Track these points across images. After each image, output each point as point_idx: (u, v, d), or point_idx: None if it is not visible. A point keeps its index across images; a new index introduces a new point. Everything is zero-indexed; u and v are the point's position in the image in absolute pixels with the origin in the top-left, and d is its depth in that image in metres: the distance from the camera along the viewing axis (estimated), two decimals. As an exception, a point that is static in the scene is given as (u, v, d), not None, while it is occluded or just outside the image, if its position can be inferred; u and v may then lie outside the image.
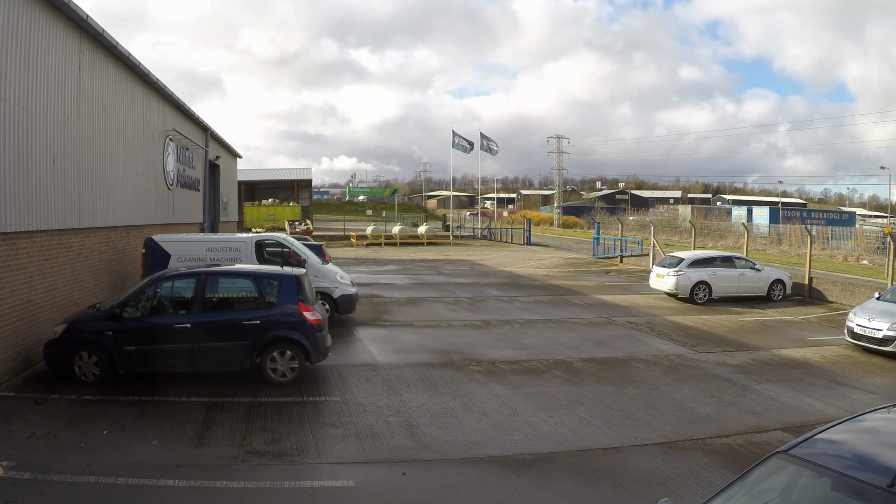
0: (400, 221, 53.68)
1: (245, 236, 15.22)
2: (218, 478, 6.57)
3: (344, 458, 7.21)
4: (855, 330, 13.13)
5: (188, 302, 9.79)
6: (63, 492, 6.12)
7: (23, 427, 7.69)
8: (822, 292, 20.13)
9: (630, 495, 6.37)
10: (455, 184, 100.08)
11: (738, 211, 60.13)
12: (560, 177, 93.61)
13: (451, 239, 47.14)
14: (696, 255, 19.86)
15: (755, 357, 12.41)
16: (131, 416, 8.25)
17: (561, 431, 8.16)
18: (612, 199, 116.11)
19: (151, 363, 9.45)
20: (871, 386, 10.63)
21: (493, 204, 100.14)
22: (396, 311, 16.71)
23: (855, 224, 54.08)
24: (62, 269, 11.36)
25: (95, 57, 12.85)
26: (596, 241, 36.19)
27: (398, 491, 6.45)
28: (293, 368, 9.75)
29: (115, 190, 14.21)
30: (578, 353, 12.35)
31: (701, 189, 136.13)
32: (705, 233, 41.39)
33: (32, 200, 10.15)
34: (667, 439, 7.95)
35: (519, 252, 38.59)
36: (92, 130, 12.69)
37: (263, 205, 59.12)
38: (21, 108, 9.77)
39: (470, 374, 10.72)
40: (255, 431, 7.87)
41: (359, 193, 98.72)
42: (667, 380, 10.66)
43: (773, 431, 8.29)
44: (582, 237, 57.45)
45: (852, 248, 35.38)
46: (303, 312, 9.78)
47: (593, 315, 16.78)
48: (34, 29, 10.21)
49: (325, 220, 67.79)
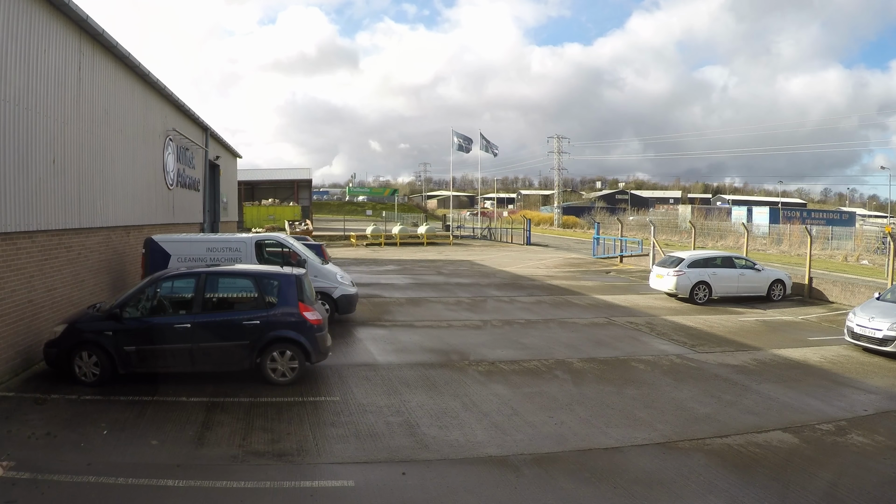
0: (400, 221, 53.69)
1: (245, 236, 15.22)
2: (218, 478, 6.57)
3: (344, 458, 7.21)
4: (855, 330, 13.13)
5: (188, 302, 9.79)
6: (63, 492, 6.12)
7: (23, 427, 7.69)
8: (822, 292, 20.13)
9: (630, 495, 6.37)
10: (455, 184, 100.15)
11: (738, 211, 60.14)
12: (560, 177, 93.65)
13: (451, 239, 47.15)
14: (696, 255, 19.87)
15: (755, 357, 12.41)
16: (131, 416, 8.25)
17: (561, 431, 8.16)
18: (612, 198, 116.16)
19: (151, 363, 9.45)
20: (871, 386, 10.62)
21: (493, 204, 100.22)
22: (396, 312, 16.71)
23: (855, 224, 54.06)
24: (62, 269, 11.36)
25: (95, 57, 12.84)
26: (596, 241, 36.19)
27: (398, 491, 6.45)
28: (293, 368, 9.75)
29: (115, 190, 14.21)
30: (578, 354, 12.35)
31: (701, 189, 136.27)
32: (705, 233, 41.42)
33: (32, 200, 10.15)
34: (667, 439, 7.95)
35: (519, 252, 38.59)
36: (92, 130, 12.69)
37: (263, 205, 59.13)
38: (21, 108, 9.77)
39: (470, 375, 10.71)
40: (255, 431, 7.87)
41: (359, 193, 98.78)
42: (667, 380, 10.66)
43: (773, 431, 8.29)
44: (582, 237, 57.46)
45: (852, 248, 35.38)
46: (303, 312, 9.78)
47: (593, 315, 16.78)
48: (34, 29, 10.21)
49: (325, 220, 67.84)
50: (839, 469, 7.18)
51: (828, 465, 7.30)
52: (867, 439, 8.11)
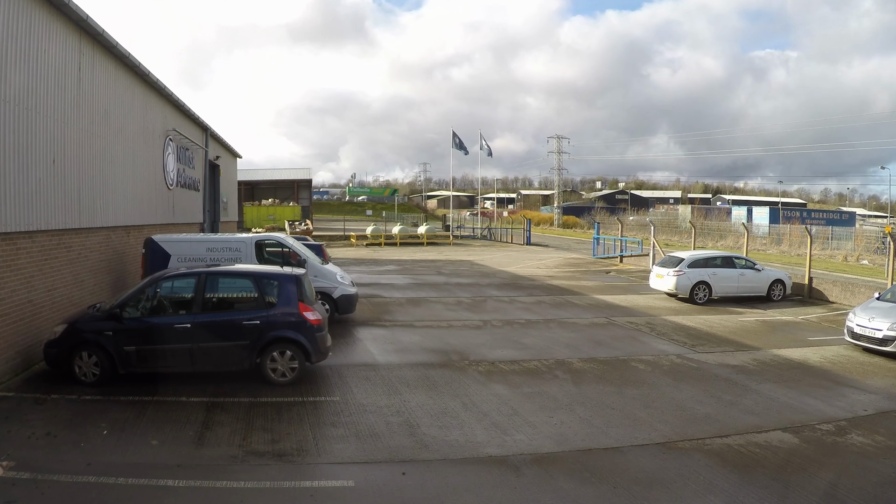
0: (400, 221, 53.70)
1: (245, 236, 15.22)
2: (218, 478, 6.57)
3: (344, 458, 7.21)
4: (855, 330, 13.13)
5: (188, 302, 9.79)
6: (63, 492, 6.12)
7: (23, 427, 7.68)
8: (822, 292, 20.13)
9: (630, 495, 6.37)
10: (455, 184, 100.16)
11: (737, 211, 60.20)
12: (560, 177, 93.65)
13: (451, 239, 47.14)
14: (696, 256, 19.87)
15: (755, 357, 12.41)
16: (131, 416, 8.25)
17: (561, 431, 8.16)
18: (612, 199, 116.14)
19: (151, 363, 9.45)
20: (871, 386, 10.62)
21: (493, 204, 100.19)
22: (396, 312, 16.71)
23: (855, 224, 54.09)
24: (62, 269, 11.36)
25: (95, 57, 12.84)
26: (596, 242, 36.20)
27: (398, 491, 6.45)
28: (293, 368, 9.75)
29: (115, 190, 14.20)
30: (578, 354, 12.35)
31: (701, 189, 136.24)
32: (705, 233, 41.41)
33: (32, 200, 10.15)
34: (667, 439, 7.94)
35: (519, 252, 38.59)
36: (92, 130, 12.68)
37: (263, 205, 59.16)
38: (21, 108, 9.76)
39: (470, 375, 10.71)
40: (255, 431, 7.87)
41: (359, 193, 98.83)
42: (667, 380, 10.66)
43: (773, 431, 8.29)
44: (582, 237, 57.46)
45: (852, 248, 35.39)
46: (303, 312, 9.78)
47: (593, 315, 16.78)
48: (34, 29, 10.21)
49: (325, 220, 67.80)
50: (839, 469, 7.18)
51: (828, 465, 7.30)
52: (867, 439, 8.11)
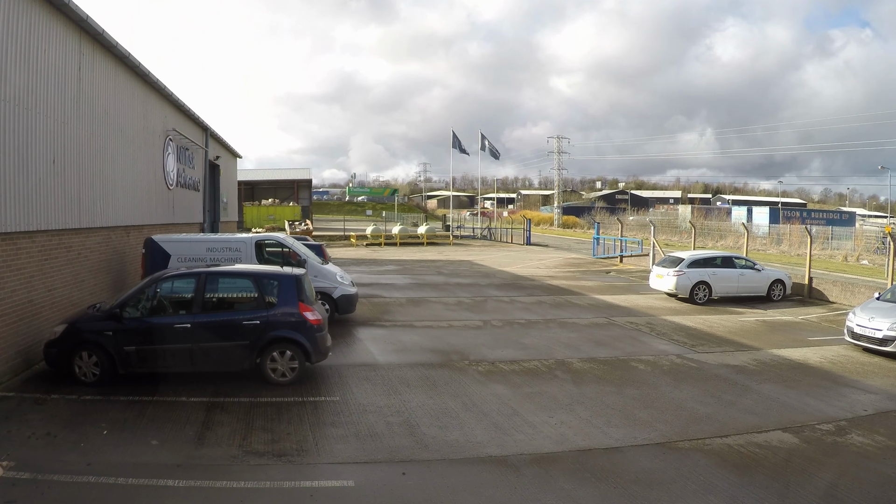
0: (400, 221, 53.69)
1: (245, 236, 15.22)
2: (218, 478, 6.57)
3: (344, 458, 7.21)
4: (855, 330, 13.13)
5: (188, 302, 9.79)
6: (63, 492, 6.11)
7: (23, 427, 7.68)
8: (822, 292, 20.13)
9: (630, 495, 6.37)
10: (455, 183, 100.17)
11: (738, 211, 60.18)
12: (560, 177, 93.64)
13: (450, 239, 47.14)
14: (696, 256, 19.87)
15: (755, 357, 12.41)
16: (131, 416, 8.25)
17: (561, 431, 8.15)
18: (612, 199, 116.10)
19: (151, 363, 9.44)
20: (871, 386, 10.62)
21: (493, 204, 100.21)
22: (396, 312, 16.71)
23: (855, 224, 54.07)
24: (62, 269, 11.36)
25: (95, 57, 12.84)
26: (596, 242, 36.19)
27: (398, 491, 6.45)
28: (293, 368, 9.75)
29: (115, 190, 14.20)
30: (578, 354, 12.35)
31: (701, 189, 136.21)
32: (705, 233, 41.43)
33: (32, 200, 10.15)
34: (667, 439, 7.94)
35: (519, 252, 38.58)
36: (92, 130, 12.69)
37: (263, 205, 59.15)
38: (21, 108, 9.76)
39: (470, 375, 10.71)
40: (255, 431, 7.87)
41: (359, 193, 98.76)
42: (667, 380, 10.66)
43: (773, 431, 8.29)
44: (582, 237, 57.45)
45: (852, 248, 35.40)
46: (303, 312, 9.78)
47: (593, 315, 16.78)
48: (34, 29, 10.21)
49: (325, 220, 67.81)
50: (839, 469, 7.18)
51: (828, 465, 7.30)
52: (867, 439, 8.11)
